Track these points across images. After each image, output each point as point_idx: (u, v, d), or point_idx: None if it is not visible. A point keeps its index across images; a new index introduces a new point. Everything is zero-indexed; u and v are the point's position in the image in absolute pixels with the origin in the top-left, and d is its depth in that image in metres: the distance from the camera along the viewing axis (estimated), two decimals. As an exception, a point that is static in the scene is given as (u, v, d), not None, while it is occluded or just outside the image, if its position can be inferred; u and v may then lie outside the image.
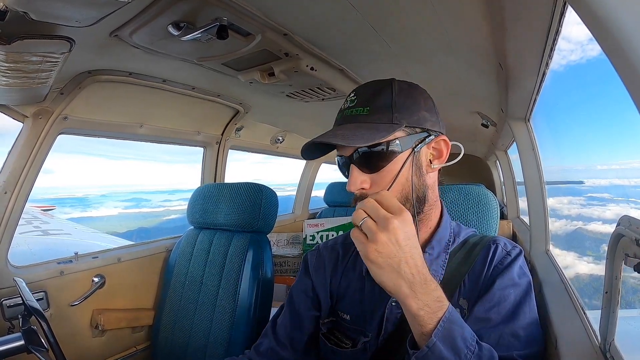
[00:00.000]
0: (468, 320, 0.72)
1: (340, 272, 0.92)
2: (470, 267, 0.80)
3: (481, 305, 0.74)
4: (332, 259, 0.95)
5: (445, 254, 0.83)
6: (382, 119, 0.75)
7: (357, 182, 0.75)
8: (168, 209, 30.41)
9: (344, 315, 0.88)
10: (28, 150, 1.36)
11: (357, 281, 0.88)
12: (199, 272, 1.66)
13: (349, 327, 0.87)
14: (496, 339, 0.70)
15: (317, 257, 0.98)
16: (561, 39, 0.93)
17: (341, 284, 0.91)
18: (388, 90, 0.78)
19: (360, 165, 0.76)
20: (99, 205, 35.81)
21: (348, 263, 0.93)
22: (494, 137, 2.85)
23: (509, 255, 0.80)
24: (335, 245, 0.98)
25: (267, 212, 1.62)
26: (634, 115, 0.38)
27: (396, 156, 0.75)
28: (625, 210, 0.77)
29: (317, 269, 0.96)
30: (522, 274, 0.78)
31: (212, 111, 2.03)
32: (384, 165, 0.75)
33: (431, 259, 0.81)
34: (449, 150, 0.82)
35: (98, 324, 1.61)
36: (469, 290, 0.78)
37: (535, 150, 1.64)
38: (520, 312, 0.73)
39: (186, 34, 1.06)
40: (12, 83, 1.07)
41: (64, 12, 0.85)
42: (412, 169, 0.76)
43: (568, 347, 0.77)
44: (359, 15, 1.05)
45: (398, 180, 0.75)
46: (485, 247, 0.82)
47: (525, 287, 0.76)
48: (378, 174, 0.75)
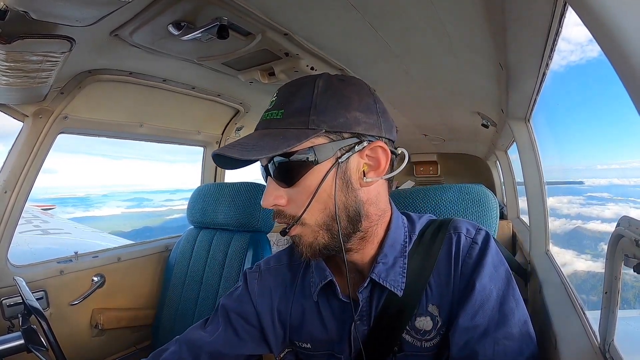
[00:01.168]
0: (453, 333, 0.66)
1: (291, 299, 0.82)
2: (433, 267, 0.71)
3: (464, 314, 0.65)
4: (279, 285, 0.84)
5: (403, 257, 0.72)
6: (294, 124, 0.63)
7: (270, 198, 0.65)
8: (171, 208, 30.53)
9: (304, 344, 0.80)
10: (28, 150, 1.36)
11: (310, 306, 0.79)
12: (199, 271, 1.66)
13: (313, 354, 0.80)
14: (491, 347, 0.63)
15: (259, 280, 0.86)
16: (561, 39, 0.93)
17: (294, 314, 0.81)
18: (309, 89, 0.65)
19: (276, 178, 0.65)
20: (101, 204, 35.93)
21: (297, 288, 0.82)
22: (494, 137, 2.85)
23: (475, 243, 0.70)
24: (279, 267, 0.86)
25: (267, 211, 1.62)
26: (634, 116, 0.38)
27: (312, 167, 0.63)
28: (625, 210, 0.78)
29: (262, 296, 0.84)
30: (498, 262, 0.69)
31: (212, 111, 2.03)
32: (298, 178, 0.63)
33: (386, 269, 0.71)
34: (389, 159, 0.68)
35: (98, 323, 1.61)
36: (438, 295, 0.70)
37: (535, 151, 1.64)
38: (508, 310, 0.65)
39: (186, 33, 1.06)
40: (13, 82, 1.07)
41: (64, 11, 0.85)
42: (335, 183, 0.64)
43: (568, 347, 0.77)
44: (359, 15, 1.05)
45: (318, 196, 0.63)
46: (447, 240, 0.72)
47: (505, 277, 0.68)
48: (294, 189, 0.65)
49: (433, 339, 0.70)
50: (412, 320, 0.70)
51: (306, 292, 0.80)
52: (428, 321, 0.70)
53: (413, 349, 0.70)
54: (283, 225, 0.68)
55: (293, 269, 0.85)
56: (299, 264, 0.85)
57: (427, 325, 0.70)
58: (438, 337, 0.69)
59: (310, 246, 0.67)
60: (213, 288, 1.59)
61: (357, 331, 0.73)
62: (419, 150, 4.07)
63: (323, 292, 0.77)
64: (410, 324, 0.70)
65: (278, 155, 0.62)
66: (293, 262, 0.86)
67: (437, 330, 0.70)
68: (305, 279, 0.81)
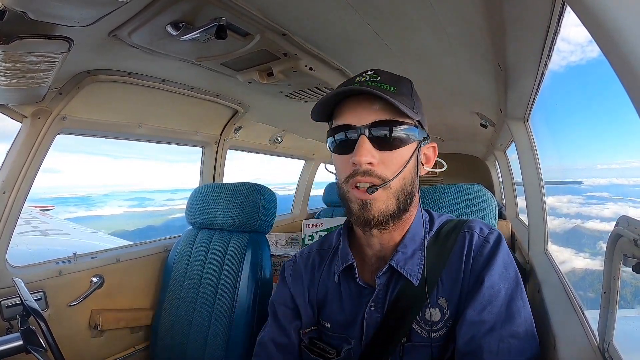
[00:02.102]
0: (460, 326, 0.70)
1: (317, 281, 0.89)
2: (446, 262, 0.76)
3: (472, 308, 0.69)
4: (309, 268, 0.92)
5: (421, 250, 0.78)
6: (406, 102, 0.72)
7: (368, 154, 0.69)
8: (172, 208, 30.61)
9: (326, 323, 0.85)
10: (27, 150, 1.36)
11: (334, 288, 0.86)
12: (197, 272, 1.66)
13: (331, 335, 0.84)
14: (496, 344, 0.66)
15: (293, 267, 0.95)
16: (560, 39, 0.93)
17: (319, 293, 0.88)
18: (407, 82, 0.78)
19: (372, 140, 0.71)
20: (102, 204, 35.94)
21: (324, 271, 0.89)
22: (492, 138, 2.86)
23: (487, 241, 0.76)
24: (310, 253, 0.95)
25: (266, 212, 1.62)
26: (633, 116, 0.38)
27: (409, 143, 0.73)
28: (623, 210, 0.78)
29: (295, 279, 0.93)
30: (509, 263, 0.74)
31: (210, 111, 2.03)
32: (398, 147, 0.72)
33: (405, 258, 0.77)
34: (435, 158, 0.83)
35: (97, 324, 1.61)
36: (448, 288, 0.75)
37: (534, 151, 1.65)
38: (515, 309, 0.69)
39: (185, 33, 1.06)
40: (11, 83, 1.07)
41: (62, 11, 0.85)
42: (415, 162, 0.75)
43: (567, 347, 0.77)
44: (358, 16, 1.05)
45: (406, 168, 0.72)
46: (460, 237, 0.77)
47: (515, 278, 0.72)
48: (390, 154, 0.71)
49: (440, 330, 0.73)
50: (423, 311, 0.74)
51: (331, 275, 0.87)
52: (437, 313, 0.74)
53: (420, 340, 0.74)
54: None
55: (322, 254, 0.93)
56: (328, 250, 0.93)
57: (436, 317, 0.74)
58: (445, 329, 0.73)
59: (380, 212, 0.72)
60: (212, 288, 1.59)
61: (370, 317, 0.78)
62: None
63: (344, 275, 0.84)
64: (421, 315, 0.74)
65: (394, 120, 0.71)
66: (322, 248, 0.94)
67: (444, 322, 0.73)
68: (332, 263, 0.88)
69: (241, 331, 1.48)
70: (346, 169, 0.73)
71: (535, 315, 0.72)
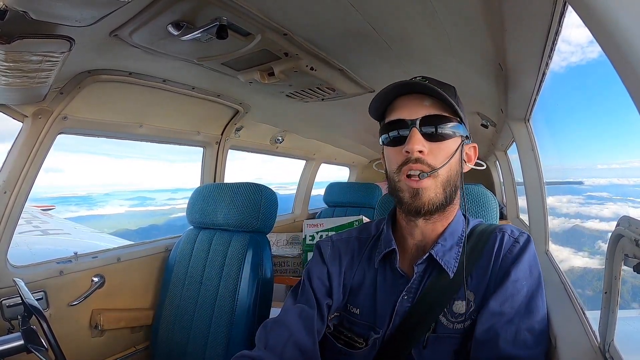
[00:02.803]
0: (481, 315, 0.74)
1: (356, 266, 0.92)
2: (477, 259, 0.81)
3: (495, 299, 0.74)
4: (348, 252, 0.94)
5: (459, 246, 0.83)
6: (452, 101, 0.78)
7: (419, 143, 0.76)
8: (174, 207, 30.67)
9: (354, 309, 0.88)
10: (27, 150, 1.36)
11: (371, 275, 0.88)
12: (198, 272, 1.66)
13: (358, 322, 0.86)
14: (513, 334, 0.71)
15: (331, 247, 0.96)
16: (561, 40, 0.93)
17: (356, 278, 0.90)
18: (452, 88, 0.86)
19: (422, 133, 0.77)
20: (103, 203, 36.00)
21: (363, 257, 0.92)
22: (493, 138, 2.85)
23: (517, 242, 0.81)
24: (350, 238, 0.97)
25: (267, 212, 1.62)
26: (634, 115, 0.38)
27: (455, 137, 0.79)
28: (622, 209, 0.78)
29: (333, 259, 0.94)
30: (535, 264, 0.78)
31: (211, 111, 2.03)
32: (446, 139, 0.78)
33: (444, 250, 0.82)
34: (476, 158, 0.89)
35: (97, 323, 1.61)
36: (476, 283, 0.79)
37: (535, 151, 1.65)
38: (534, 306, 0.74)
39: (186, 33, 1.06)
40: (12, 82, 1.07)
41: (63, 11, 0.85)
42: (460, 156, 0.81)
43: (567, 347, 0.77)
44: (359, 16, 1.05)
45: (452, 159, 0.78)
46: (492, 237, 0.83)
47: (538, 279, 0.77)
48: (438, 145, 0.77)
49: (464, 322, 0.78)
50: (451, 303, 0.79)
51: (370, 262, 0.90)
52: (463, 305, 0.78)
53: (445, 331, 0.78)
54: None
55: (361, 241, 0.96)
56: (367, 238, 0.96)
57: (462, 309, 0.78)
58: (469, 321, 0.78)
59: (430, 200, 0.77)
60: (212, 288, 1.59)
61: (401, 306, 0.81)
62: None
63: (383, 262, 0.88)
64: (449, 307, 0.79)
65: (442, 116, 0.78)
66: (361, 236, 0.97)
67: (469, 314, 0.78)
68: (373, 251, 0.92)
69: (242, 331, 1.48)
70: (398, 158, 0.78)
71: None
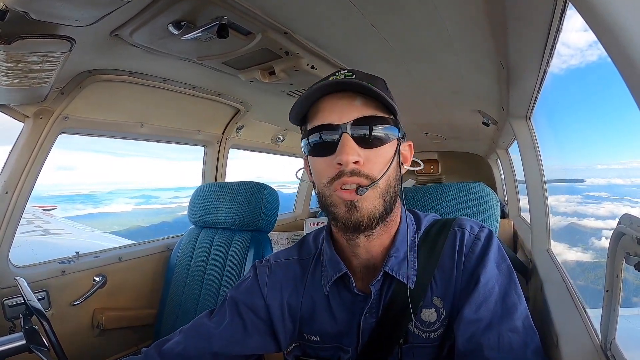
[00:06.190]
0: (458, 325, 0.69)
1: (301, 293, 0.82)
2: (437, 262, 0.74)
3: (469, 307, 0.68)
4: (289, 279, 0.85)
5: (413, 252, 0.75)
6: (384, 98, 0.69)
7: (354, 153, 0.65)
8: (180, 205, 30.83)
9: (313, 337, 0.81)
10: (29, 150, 1.36)
11: (321, 299, 0.80)
12: (200, 270, 1.66)
13: (321, 347, 0.80)
14: (496, 340, 0.65)
15: (269, 275, 0.86)
16: (562, 39, 0.92)
17: (304, 305, 0.82)
18: (382, 81, 0.75)
19: (358, 138, 0.67)
20: (108, 201, 36.14)
21: (307, 282, 0.83)
22: (495, 136, 2.85)
23: (478, 239, 0.74)
24: (290, 261, 0.87)
25: (268, 211, 1.62)
26: (635, 113, 0.37)
27: (391, 140, 0.70)
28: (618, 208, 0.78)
29: (272, 289, 0.84)
30: (501, 259, 0.73)
31: (212, 110, 2.03)
32: (382, 144, 0.68)
33: (398, 262, 0.74)
34: (412, 157, 0.79)
35: (99, 323, 1.61)
36: (442, 288, 0.73)
37: (536, 149, 1.64)
38: (510, 303, 0.68)
39: (186, 33, 1.06)
40: (13, 83, 1.07)
41: (64, 11, 0.85)
42: (397, 160, 0.71)
43: (569, 345, 0.77)
44: (360, 14, 1.05)
45: (390, 166, 0.69)
46: (451, 235, 0.76)
47: (507, 273, 0.71)
48: (374, 152, 0.67)
49: (437, 330, 0.73)
50: (418, 312, 0.73)
51: (317, 286, 0.81)
52: (433, 313, 0.73)
53: (418, 340, 0.73)
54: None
55: (303, 264, 0.86)
56: (308, 258, 0.86)
57: (432, 317, 0.73)
58: (442, 329, 0.73)
59: (369, 213, 0.67)
60: (214, 287, 1.59)
61: (366, 323, 0.75)
62: (420, 149, 4.06)
63: (334, 285, 0.79)
64: (416, 316, 0.73)
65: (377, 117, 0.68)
66: (302, 257, 0.87)
67: (440, 321, 0.73)
68: (316, 272, 0.83)
69: (243, 330, 1.48)
70: (328, 171, 0.68)
71: (537, 313, 0.73)
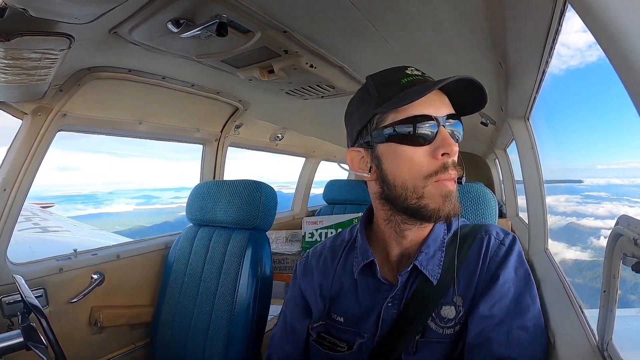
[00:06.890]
0: (471, 319, 0.73)
1: (331, 275, 0.90)
2: (463, 263, 0.79)
3: (484, 303, 0.73)
4: (321, 264, 0.94)
5: (441, 252, 0.80)
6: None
7: (456, 145, 0.73)
8: (180, 205, 31.02)
9: (338, 317, 0.86)
10: (27, 147, 1.36)
11: (349, 282, 0.87)
12: (198, 269, 1.66)
13: (343, 329, 0.85)
14: (505, 335, 0.69)
15: (304, 264, 0.97)
16: (561, 40, 0.93)
17: (333, 287, 0.89)
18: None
19: (457, 134, 0.75)
20: (109, 202, 36.22)
21: (338, 265, 0.91)
22: (493, 136, 2.85)
23: (502, 244, 0.79)
24: (323, 250, 0.97)
25: (266, 209, 1.63)
26: (633, 115, 0.38)
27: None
28: (616, 208, 0.79)
29: (305, 275, 0.95)
30: (520, 264, 0.77)
31: (211, 108, 2.03)
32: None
33: (427, 258, 0.79)
34: None
35: (97, 320, 1.61)
36: (464, 287, 0.77)
37: (535, 149, 1.64)
38: (524, 304, 0.73)
39: (185, 31, 1.06)
40: (11, 80, 1.07)
41: (63, 8, 0.85)
42: None
43: (566, 345, 0.77)
44: (359, 13, 1.05)
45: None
46: (478, 239, 0.80)
47: (524, 277, 0.76)
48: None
49: (454, 326, 0.76)
50: (439, 309, 0.76)
51: (347, 270, 0.88)
52: (452, 310, 0.76)
53: (434, 335, 0.76)
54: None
55: (334, 250, 0.94)
56: (340, 245, 0.95)
57: (451, 314, 0.76)
58: (458, 326, 0.76)
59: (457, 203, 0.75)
60: (212, 285, 1.60)
61: (387, 312, 0.79)
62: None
63: (363, 271, 0.84)
64: (436, 312, 0.76)
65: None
66: (335, 245, 0.96)
67: (458, 319, 0.76)
68: (348, 258, 0.90)
69: (241, 328, 1.48)
70: (426, 161, 0.72)
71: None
